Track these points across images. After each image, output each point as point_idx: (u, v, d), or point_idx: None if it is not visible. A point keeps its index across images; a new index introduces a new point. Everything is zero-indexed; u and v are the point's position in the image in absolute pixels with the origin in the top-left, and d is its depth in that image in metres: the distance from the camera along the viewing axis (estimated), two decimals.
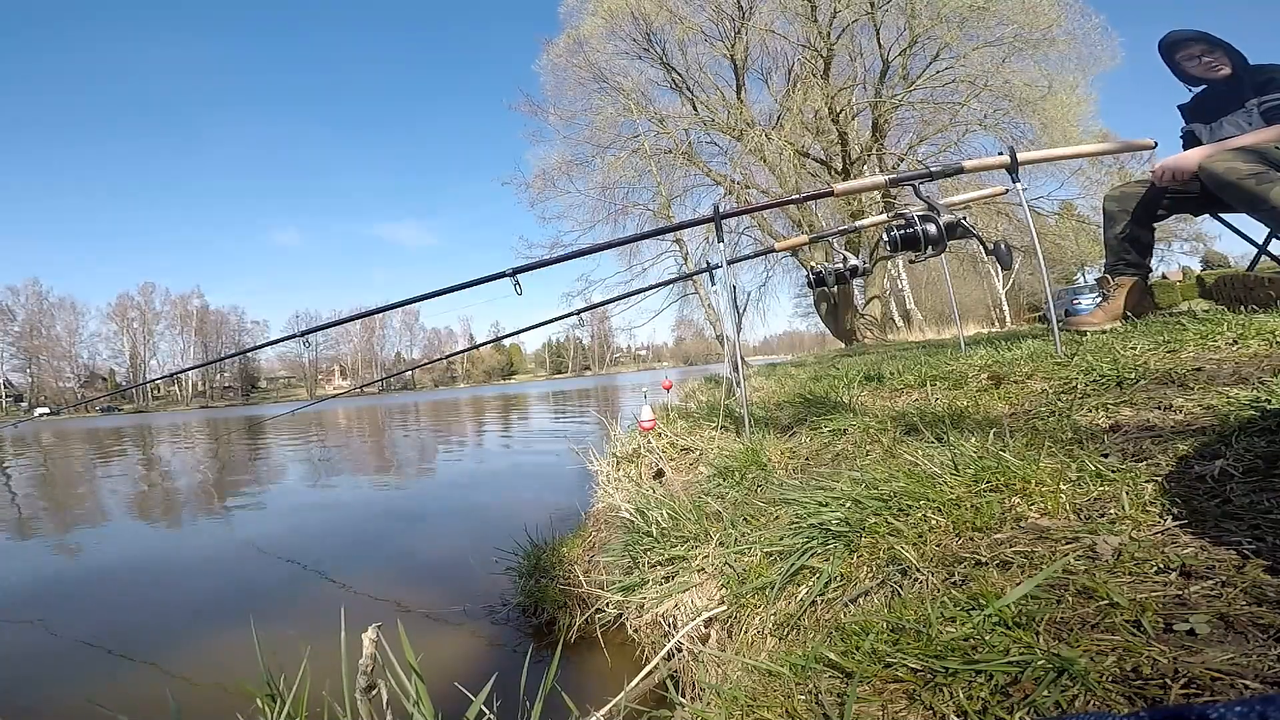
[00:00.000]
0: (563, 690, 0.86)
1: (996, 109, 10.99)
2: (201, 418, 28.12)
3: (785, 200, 3.06)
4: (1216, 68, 2.29)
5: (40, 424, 32.34)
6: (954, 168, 2.03)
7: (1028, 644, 0.56)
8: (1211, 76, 2.32)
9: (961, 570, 0.75)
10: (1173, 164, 2.18)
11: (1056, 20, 10.16)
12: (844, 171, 12.17)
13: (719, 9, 11.74)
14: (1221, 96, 2.27)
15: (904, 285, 23.45)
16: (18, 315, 60.10)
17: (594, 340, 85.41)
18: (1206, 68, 2.31)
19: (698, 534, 1.32)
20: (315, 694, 0.89)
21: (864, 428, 1.67)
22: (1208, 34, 2.30)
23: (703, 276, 6.97)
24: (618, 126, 13.15)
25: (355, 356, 72.91)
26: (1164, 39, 2.38)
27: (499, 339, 30.57)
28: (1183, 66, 2.36)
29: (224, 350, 65.72)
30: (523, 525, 2.19)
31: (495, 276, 2.33)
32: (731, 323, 2.74)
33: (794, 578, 0.97)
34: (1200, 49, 2.31)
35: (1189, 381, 1.21)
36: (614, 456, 2.76)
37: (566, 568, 1.92)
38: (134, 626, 2.06)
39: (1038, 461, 0.94)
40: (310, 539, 3.20)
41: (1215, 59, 2.29)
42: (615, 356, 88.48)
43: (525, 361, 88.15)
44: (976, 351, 2.51)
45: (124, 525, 3.89)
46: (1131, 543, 0.67)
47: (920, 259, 1.88)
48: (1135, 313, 2.36)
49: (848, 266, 3.23)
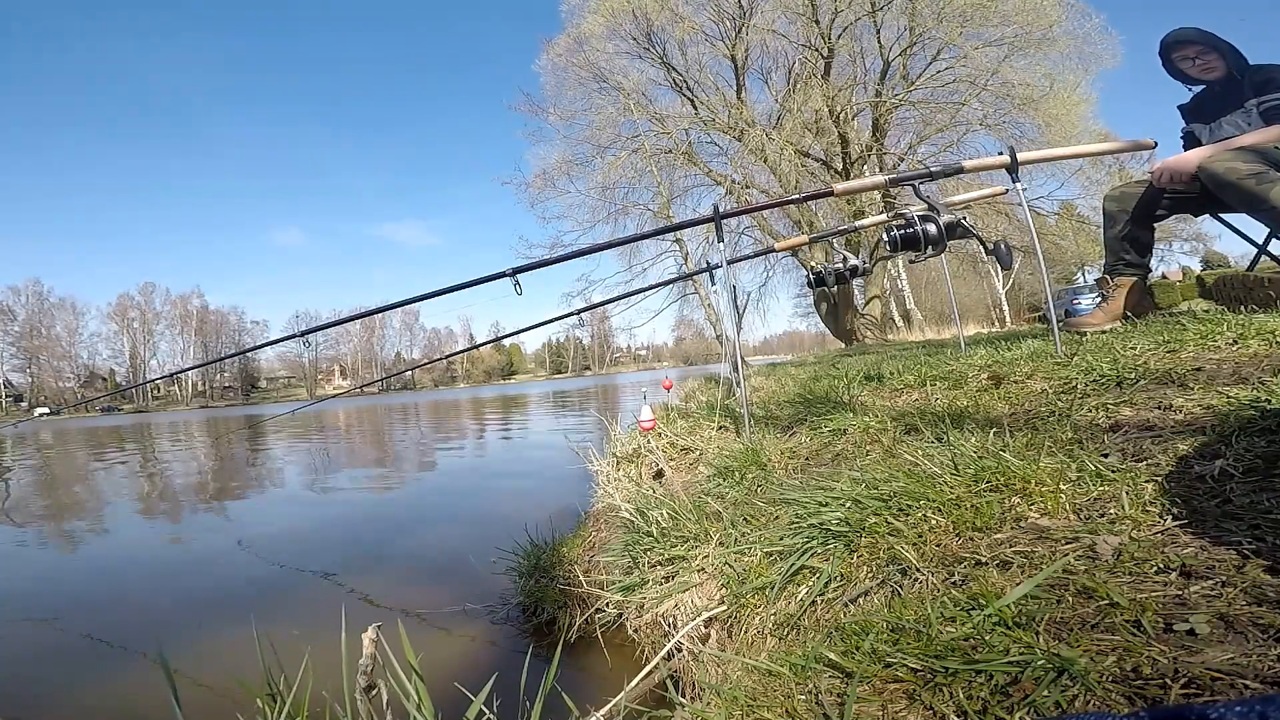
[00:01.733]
0: (563, 690, 0.86)
1: (997, 108, 10.99)
2: (202, 417, 28.13)
3: (785, 200, 3.06)
4: (1210, 69, 2.28)
5: (40, 424, 32.35)
6: (954, 168, 2.02)
7: (1028, 644, 0.56)
8: (1205, 78, 2.31)
9: (961, 570, 0.75)
10: (1172, 165, 2.18)
11: (1057, 20, 10.16)
12: (844, 171, 12.17)
13: (720, 9, 11.74)
14: (1220, 97, 2.26)
15: (904, 285, 23.45)
16: (18, 315, 60.18)
17: (594, 340, 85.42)
18: (1200, 68, 2.30)
19: (698, 534, 1.32)
20: (316, 694, 0.89)
21: (864, 427, 1.67)
22: (1208, 35, 2.29)
23: (703, 276, 6.97)
24: (618, 126, 13.16)
25: (355, 356, 72.93)
26: (1164, 38, 2.37)
27: (499, 339, 30.57)
28: (1178, 66, 2.36)
29: (224, 350, 65.73)
30: (523, 525, 2.19)
31: (495, 276, 2.33)
32: (731, 323, 2.74)
33: (794, 578, 0.97)
34: (1196, 50, 2.30)
35: (1189, 381, 1.21)
36: (614, 456, 2.76)
37: (566, 568, 1.92)
38: (137, 626, 2.07)
39: (1038, 461, 0.94)
40: (310, 538, 3.20)
41: (1209, 60, 2.27)
42: (615, 356, 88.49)
43: (525, 361, 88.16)
44: (976, 351, 2.51)
45: (125, 525, 3.89)
46: (1131, 543, 0.67)
47: (920, 259, 1.88)
48: (1135, 313, 2.36)
49: (848, 266, 3.23)
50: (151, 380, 31.28)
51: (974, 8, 10.03)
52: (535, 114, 14.78)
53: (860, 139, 12.28)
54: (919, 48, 11.23)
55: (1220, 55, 2.24)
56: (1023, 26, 10.12)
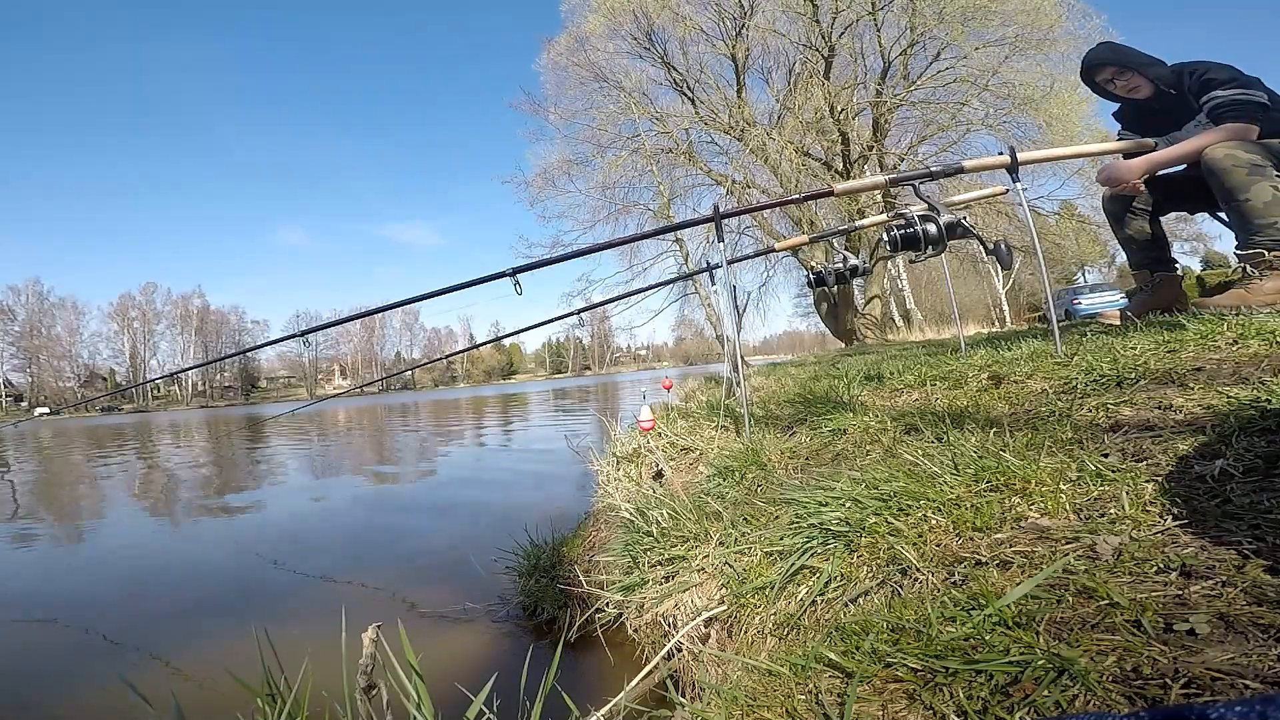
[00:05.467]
0: (563, 690, 0.86)
1: (998, 108, 10.99)
2: (201, 417, 28.14)
3: (785, 200, 3.06)
4: (1134, 88, 2.21)
5: (40, 423, 32.37)
6: (954, 167, 2.02)
7: (1028, 644, 0.56)
8: (1133, 97, 2.24)
9: (961, 570, 0.75)
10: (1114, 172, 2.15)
11: (1058, 20, 10.16)
12: (844, 171, 12.17)
13: (721, 8, 11.74)
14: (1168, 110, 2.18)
15: (904, 285, 23.43)
16: (18, 315, 60.16)
17: (594, 340, 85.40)
18: (1124, 89, 2.24)
19: (698, 534, 1.32)
20: (316, 694, 0.89)
21: (864, 427, 1.67)
22: (1119, 53, 2.23)
23: (703, 276, 6.97)
24: (618, 125, 13.17)
25: (355, 356, 72.91)
26: (1082, 62, 2.31)
27: (499, 339, 30.57)
28: (1104, 88, 2.30)
29: (224, 350, 65.72)
30: (523, 525, 2.19)
31: (495, 276, 2.33)
32: (731, 322, 2.74)
33: (794, 577, 0.97)
34: (1112, 71, 2.23)
35: (1189, 381, 1.21)
36: (614, 456, 2.76)
37: (566, 567, 1.92)
38: (136, 625, 2.07)
39: (1038, 461, 0.94)
40: (310, 538, 3.20)
41: (1129, 80, 2.21)
42: (615, 356, 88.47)
43: (525, 361, 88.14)
44: (976, 351, 2.51)
45: (126, 525, 3.89)
46: (1131, 543, 0.67)
47: (920, 259, 1.88)
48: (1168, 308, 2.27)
49: (848, 266, 3.22)
50: (151, 380, 31.32)
51: (975, 8, 10.03)
52: (536, 113, 14.83)
53: (861, 138, 12.27)
54: (920, 47, 11.23)
55: (1137, 72, 2.17)
56: (1024, 27, 10.12)
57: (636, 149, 12.93)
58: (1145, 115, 2.29)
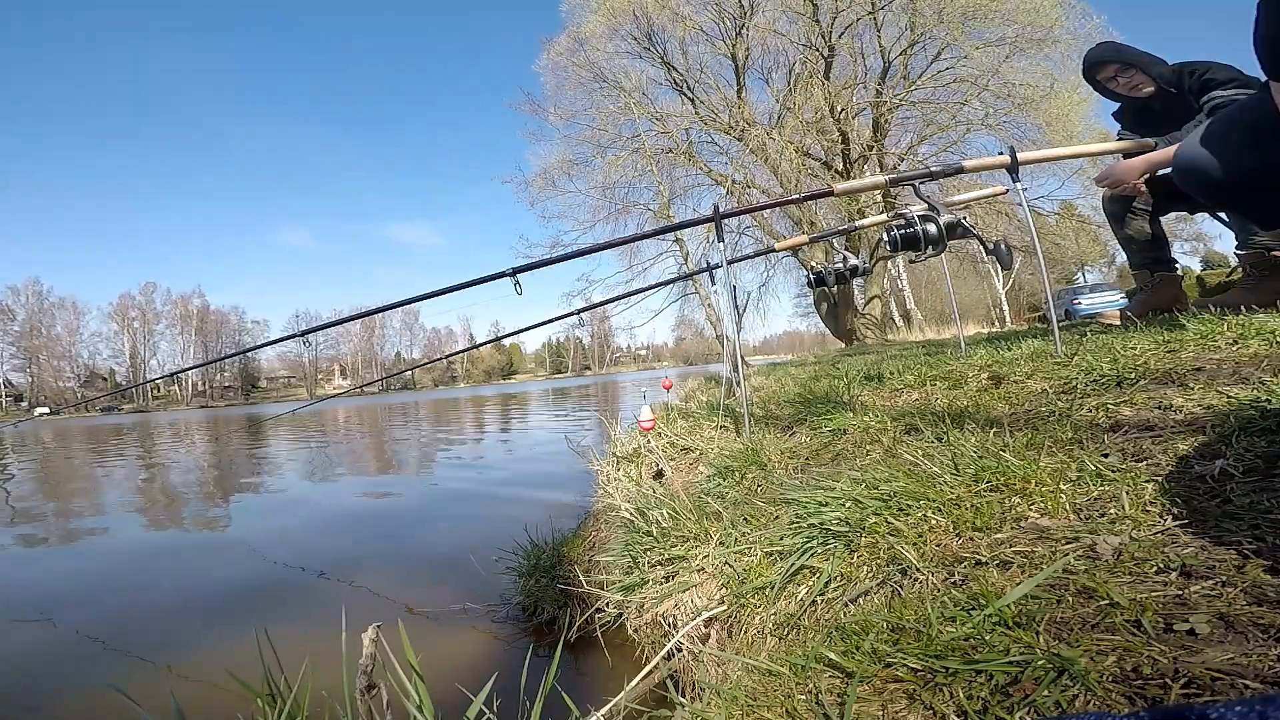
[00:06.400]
0: (563, 690, 0.86)
1: (998, 108, 11.00)
2: (201, 417, 28.13)
3: (785, 200, 3.06)
4: (1137, 86, 2.21)
5: (40, 423, 32.37)
6: (954, 167, 2.02)
7: (1028, 644, 0.56)
8: (1137, 95, 2.23)
9: (961, 570, 0.75)
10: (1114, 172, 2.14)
11: (1058, 20, 10.17)
12: (844, 171, 12.17)
13: (721, 8, 11.75)
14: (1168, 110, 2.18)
15: (904, 285, 23.44)
16: (18, 315, 60.17)
17: (594, 340, 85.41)
18: (1127, 87, 2.23)
19: (698, 534, 1.32)
20: (316, 694, 0.89)
21: (864, 427, 1.66)
22: (1121, 51, 2.22)
23: (703, 276, 6.97)
24: (618, 125, 13.19)
25: (355, 356, 72.93)
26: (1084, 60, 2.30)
27: (499, 339, 30.57)
28: (1106, 87, 2.29)
29: (224, 350, 65.71)
30: (523, 525, 2.19)
31: (495, 276, 2.33)
32: (731, 322, 2.74)
33: (794, 577, 0.97)
34: (1114, 68, 2.23)
35: (1189, 381, 1.21)
36: (614, 456, 2.75)
37: (566, 567, 1.92)
38: (136, 626, 2.07)
39: (1038, 461, 0.94)
40: (310, 538, 3.20)
41: (1132, 78, 2.20)
42: (615, 356, 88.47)
43: (525, 361, 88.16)
44: (976, 351, 2.51)
45: (125, 524, 3.89)
46: (1131, 543, 0.67)
47: (920, 259, 1.88)
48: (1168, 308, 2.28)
49: (848, 266, 3.22)
50: (152, 380, 31.34)
51: (975, 8, 10.04)
52: (536, 113, 14.85)
53: (861, 138, 12.29)
54: (920, 47, 11.24)
55: (1140, 70, 2.17)
56: (1024, 26, 10.14)
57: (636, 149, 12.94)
58: (1145, 115, 2.29)
